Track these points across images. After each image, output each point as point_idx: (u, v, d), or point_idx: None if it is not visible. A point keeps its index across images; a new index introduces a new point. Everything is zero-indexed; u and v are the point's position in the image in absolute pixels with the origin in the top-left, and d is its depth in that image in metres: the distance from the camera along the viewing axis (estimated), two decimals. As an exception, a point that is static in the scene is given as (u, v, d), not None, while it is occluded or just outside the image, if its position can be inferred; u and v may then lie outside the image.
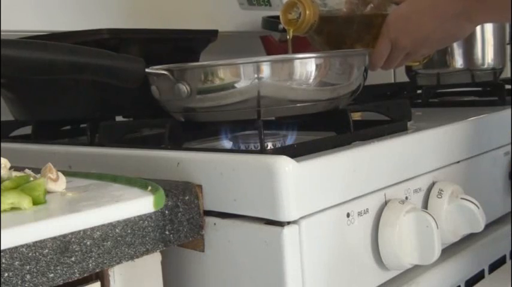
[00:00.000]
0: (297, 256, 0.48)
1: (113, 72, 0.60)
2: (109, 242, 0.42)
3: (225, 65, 0.58)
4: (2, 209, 0.42)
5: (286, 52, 0.77)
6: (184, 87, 0.59)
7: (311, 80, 0.59)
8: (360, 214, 0.54)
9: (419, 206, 0.62)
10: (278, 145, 0.63)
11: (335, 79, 0.61)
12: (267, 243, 0.49)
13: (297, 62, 0.58)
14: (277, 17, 0.79)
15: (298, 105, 0.60)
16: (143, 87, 0.65)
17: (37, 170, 0.50)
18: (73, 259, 0.40)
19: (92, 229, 0.41)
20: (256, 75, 0.57)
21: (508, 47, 1.04)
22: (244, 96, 0.58)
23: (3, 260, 0.36)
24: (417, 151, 0.62)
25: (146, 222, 0.45)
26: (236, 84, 0.57)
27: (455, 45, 0.98)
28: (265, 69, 0.57)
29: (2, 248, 0.36)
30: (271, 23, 1.06)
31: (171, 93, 0.60)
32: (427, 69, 1.01)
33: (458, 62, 0.98)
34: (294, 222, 0.48)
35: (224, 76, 0.58)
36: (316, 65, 0.59)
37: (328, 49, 0.77)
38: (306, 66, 0.59)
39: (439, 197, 0.63)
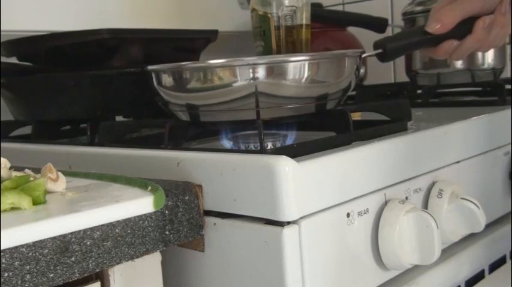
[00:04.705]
0: (297, 256, 0.48)
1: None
2: (109, 242, 0.42)
3: (223, 66, 0.58)
4: (2, 209, 0.42)
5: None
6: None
7: (303, 79, 0.59)
8: (360, 214, 0.54)
9: (419, 206, 0.62)
10: (278, 144, 0.63)
11: (325, 77, 0.61)
12: (267, 243, 0.49)
13: (290, 65, 0.59)
14: None
15: (292, 106, 0.60)
16: (143, 87, 0.65)
17: (37, 170, 0.50)
18: (73, 259, 0.40)
19: (92, 229, 0.41)
20: (252, 76, 0.57)
21: (508, 47, 1.05)
22: (242, 94, 0.58)
23: (3, 260, 0.36)
24: (417, 151, 0.62)
25: (146, 222, 0.45)
26: (234, 84, 0.58)
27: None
28: (261, 71, 0.57)
29: (2, 248, 0.36)
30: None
31: (172, 91, 0.61)
32: (427, 69, 1.01)
33: (458, 62, 0.98)
34: (294, 222, 0.48)
35: (223, 76, 0.58)
36: (308, 66, 0.59)
37: None
38: (299, 67, 0.59)
39: (439, 197, 0.63)
